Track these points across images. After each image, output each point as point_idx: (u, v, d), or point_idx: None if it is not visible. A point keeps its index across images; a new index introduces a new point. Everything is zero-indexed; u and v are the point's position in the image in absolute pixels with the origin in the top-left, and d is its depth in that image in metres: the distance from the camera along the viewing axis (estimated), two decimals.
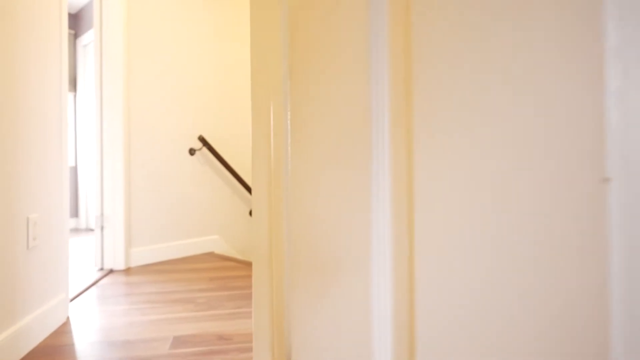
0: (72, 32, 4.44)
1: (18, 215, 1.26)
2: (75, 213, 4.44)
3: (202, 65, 2.91)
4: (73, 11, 4.43)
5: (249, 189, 3.10)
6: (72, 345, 1.32)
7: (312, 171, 0.47)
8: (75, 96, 4.44)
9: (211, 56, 2.98)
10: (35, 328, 1.33)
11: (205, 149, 2.91)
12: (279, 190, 0.51)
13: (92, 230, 4.27)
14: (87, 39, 4.28)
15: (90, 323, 1.52)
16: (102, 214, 2.42)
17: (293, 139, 0.49)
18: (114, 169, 2.41)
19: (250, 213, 3.27)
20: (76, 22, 4.45)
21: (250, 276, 2.18)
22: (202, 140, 2.83)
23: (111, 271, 2.34)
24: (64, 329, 1.46)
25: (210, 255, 2.75)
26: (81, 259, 2.72)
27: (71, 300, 1.81)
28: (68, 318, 1.57)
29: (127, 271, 2.34)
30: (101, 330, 1.44)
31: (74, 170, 4.44)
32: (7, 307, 1.19)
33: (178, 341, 1.34)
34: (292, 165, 0.49)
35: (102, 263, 2.40)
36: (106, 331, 1.43)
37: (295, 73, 0.50)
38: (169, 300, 1.78)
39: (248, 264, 2.47)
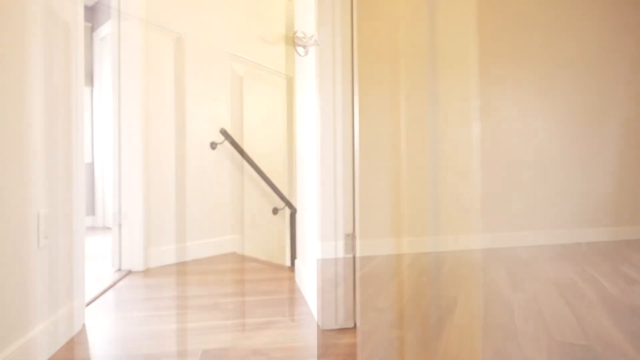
0: (89, 24, 4.33)
1: (26, 210, 1.10)
2: (91, 211, 4.34)
3: (223, 56, 2.75)
4: (90, 3, 4.32)
5: (272, 186, 2.93)
6: None
7: None
8: (92, 91, 4.33)
9: (234, 46, 2.81)
10: (47, 338, 1.17)
11: (227, 143, 2.74)
12: None
13: (109, 228, 4.16)
14: (104, 31, 4.16)
15: (108, 333, 1.36)
16: (119, 211, 2.27)
17: None
18: (132, 165, 2.26)
19: (274, 211, 3.09)
20: (93, 14, 4.34)
21: (278, 279, 2.00)
22: (224, 133, 2.67)
23: (129, 272, 2.19)
24: (79, 340, 1.30)
25: (233, 256, 2.59)
26: (98, 259, 2.58)
27: (87, 304, 1.65)
28: (84, 326, 1.42)
29: (146, 272, 2.19)
30: (120, 342, 1.28)
31: (91, 167, 4.33)
32: (16, 315, 1.04)
33: (207, 356, 1.16)
34: None
35: (120, 263, 2.25)
36: (125, 342, 1.27)
37: None
38: (193, 306, 1.62)
39: (274, 266, 2.30)
